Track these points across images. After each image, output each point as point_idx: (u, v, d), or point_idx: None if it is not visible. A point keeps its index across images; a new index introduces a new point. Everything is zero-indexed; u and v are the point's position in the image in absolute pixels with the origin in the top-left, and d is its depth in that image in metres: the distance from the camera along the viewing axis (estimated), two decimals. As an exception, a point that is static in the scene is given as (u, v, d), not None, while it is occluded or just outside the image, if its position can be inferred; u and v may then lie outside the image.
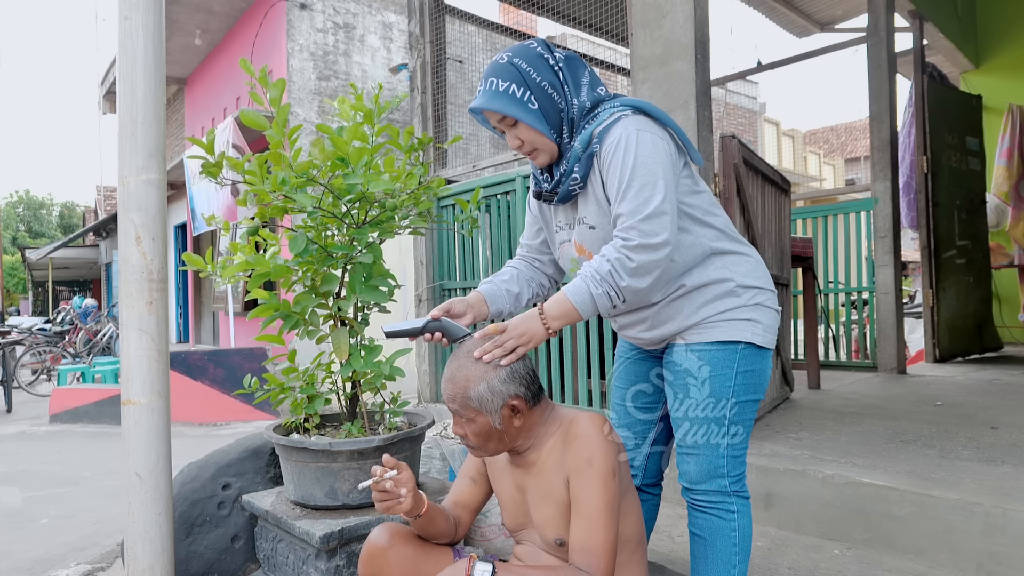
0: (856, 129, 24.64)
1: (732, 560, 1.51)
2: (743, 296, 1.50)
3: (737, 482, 1.54)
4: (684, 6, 2.59)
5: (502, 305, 1.65)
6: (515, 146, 1.53)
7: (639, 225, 1.37)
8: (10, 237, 37.78)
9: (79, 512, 3.53)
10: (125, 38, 1.81)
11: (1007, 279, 6.24)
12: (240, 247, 2.09)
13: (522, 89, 1.46)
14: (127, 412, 1.81)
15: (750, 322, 1.50)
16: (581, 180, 1.49)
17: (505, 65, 1.47)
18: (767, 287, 1.56)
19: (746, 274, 1.52)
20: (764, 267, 1.59)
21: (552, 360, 3.44)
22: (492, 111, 1.48)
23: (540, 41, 1.52)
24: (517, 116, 1.46)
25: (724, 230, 1.55)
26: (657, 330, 1.55)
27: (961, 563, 2.00)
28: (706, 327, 1.50)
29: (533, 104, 1.47)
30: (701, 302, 1.50)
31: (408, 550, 1.50)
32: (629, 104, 1.47)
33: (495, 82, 1.47)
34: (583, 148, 1.47)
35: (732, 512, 1.52)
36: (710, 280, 1.50)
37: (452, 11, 4.47)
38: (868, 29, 4.76)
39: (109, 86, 13.73)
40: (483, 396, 1.38)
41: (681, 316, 1.51)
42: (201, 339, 13.08)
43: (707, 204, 1.54)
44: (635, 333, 1.61)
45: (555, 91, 1.48)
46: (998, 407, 3.39)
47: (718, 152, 2.85)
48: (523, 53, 1.49)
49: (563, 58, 1.51)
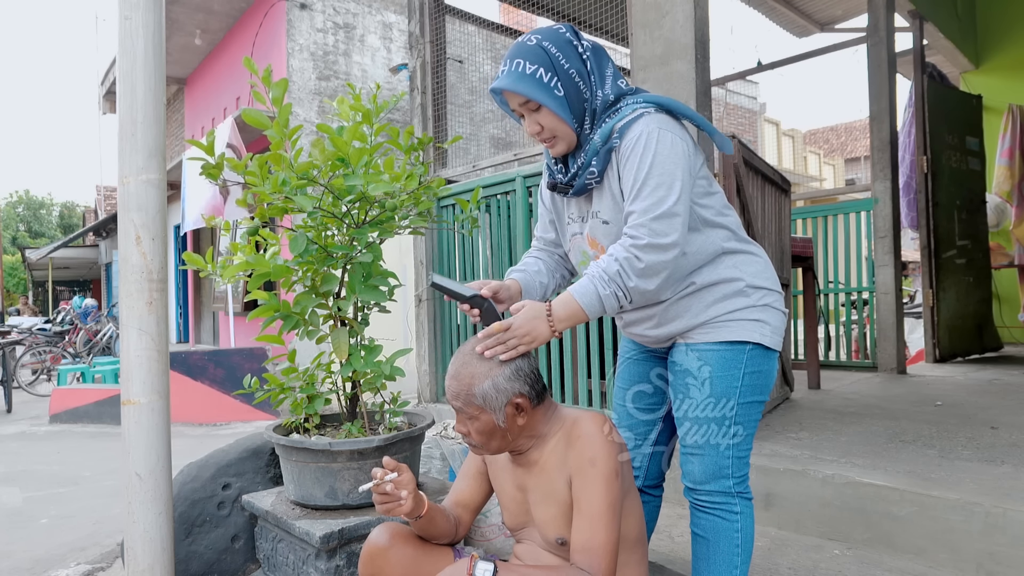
0: (856, 129, 24.63)
1: (734, 561, 1.50)
2: (752, 296, 1.50)
3: (741, 483, 1.53)
4: (684, 6, 2.59)
5: (537, 287, 1.64)
6: (534, 132, 1.50)
7: (650, 223, 1.36)
8: (10, 237, 37.78)
9: (79, 512, 3.53)
10: (125, 38, 1.81)
11: (1007, 279, 6.24)
12: (240, 247, 2.09)
13: (550, 74, 1.43)
14: (127, 412, 1.81)
15: (758, 323, 1.50)
16: (598, 174, 1.47)
17: (534, 47, 1.44)
18: (776, 288, 1.56)
19: (756, 274, 1.52)
20: (772, 269, 1.59)
21: (552, 360, 3.44)
22: (517, 93, 1.44)
23: (568, 27, 1.49)
24: (542, 101, 1.43)
25: (735, 231, 1.55)
26: (664, 328, 1.54)
27: (961, 563, 2.00)
28: (714, 326, 1.49)
29: (559, 91, 1.44)
30: (711, 300, 1.49)
31: (408, 550, 1.50)
32: (652, 101, 1.46)
33: (522, 63, 1.43)
34: (602, 142, 1.45)
35: (736, 513, 1.51)
36: (720, 279, 1.49)
37: (452, 11, 4.47)
38: (868, 29, 4.76)
39: (109, 86, 13.73)
40: (487, 394, 1.38)
41: (690, 314, 1.50)
42: (201, 339, 13.08)
43: (720, 205, 1.54)
44: (641, 330, 1.60)
45: (581, 80, 1.46)
46: (998, 407, 3.39)
47: (718, 152, 2.85)
48: (553, 37, 1.45)
49: (590, 47, 1.48)
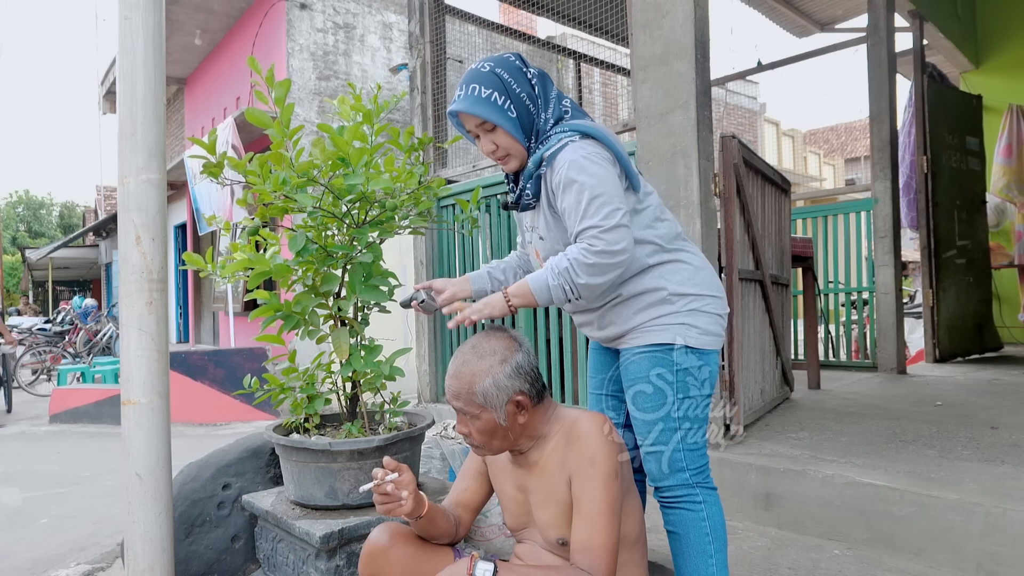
0: (856, 129, 24.64)
1: (707, 550, 1.55)
2: (676, 303, 1.58)
3: (699, 473, 1.59)
4: (684, 6, 2.59)
5: (484, 286, 1.79)
6: (489, 151, 1.64)
7: (603, 235, 1.46)
8: (10, 237, 37.77)
9: (79, 512, 3.53)
10: (125, 38, 1.81)
11: (1007, 279, 6.24)
12: (240, 247, 2.09)
13: (503, 97, 1.57)
14: (127, 412, 1.81)
15: (683, 326, 1.58)
16: (533, 196, 1.62)
17: (488, 74, 1.58)
18: (705, 292, 1.61)
19: (682, 282, 1.59)
20: (707, 271, 1.65)
21: (552, 360, 3.44)
22: (473, 115, 1.58)
23: (516, 55, 1.65)
24: (496, 121, 1.57)
25: (663, 243, 1.61)
26: (603, 331, 1.66)
27: (961, 563, 2.00)
28: (642, 332, 1.59)
29: (512, 112, 1.58)
30: (636, 309, 1.59)
31: (408, 550, 1.50)
32: (577, 129, 1.56)
33: (477, 88, 1.57)
34: (534, 167, 1.59)
35: (699, 503, 1.58)
36: (644, 289, 1.58)
37: (452, 11, 4.47)
38: (868, 29, 4.76)
39: (109, 86, 13.72)
40: (488, 391, 1.41)
41: (620, 321, 1.61)
42: (201, 339, 13.07)
43: (649, 219, 1.61)
44: (589, 332, 1.73)
45: (531, 102, 1.60)
46: (998, 407, 3.39)
47: (718, 152, 2.84)
48: (504, 64, 1.60)
49: (537, 72, 1.64)
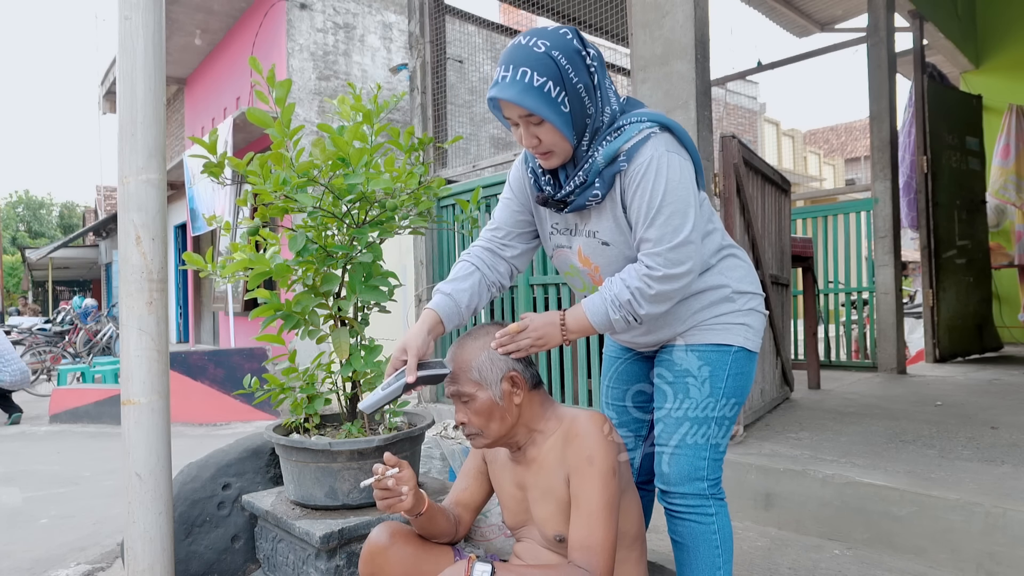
0: (856, 129, 24.63)
1: (716, 563, 1.50)
2: (738, 301, 1.53)
3: (715, 485, 1.53)
4: (684, 6, 2.59)
5: (457, 322, 1.57)
6: (530, 144, 1.39)
7: (667, 254, 1.35)
8: (10, 237, 37.76)
9: (79, 512, 3.52)
10: (125, 38, 1.81)
11: (1007, 279, 6.24)
12: (240, 247, 2.09)
13: (558, 88, 1.32)
14: (127, 412, 1.81)
15: (743, 327, 1.52)
16: (601, 197, 1.41)
17: (542, 56, 1.31)
18: (758, 291, 1.58)
19: (741, 279, 1.54)
20: (754, 271, 1.62)
21: (552, 360, 3.44)
22: (521, 107, 1.32)
23: (572, 30, 1.37)
24: (547, 117, 1.32)
25: (721, 240, 1.56)
26: (653, 335, 1.56)
27: (961, 563, 2.00)
28: (702, 330, 1.51)
29: (566, 107, 1.34)
30: (698, 307, 1.51)
31: (408, 549, 1.50)
32: (656, 120, 1.39)
33: (529, 73, 1.30)
34: (607, 163, 1.37)
35: (711, 515, 1.50)
36: (707, 286, 1.51)
37: (452, 11, 4.47)
38: (868, 29, 4.76)
39: (109, 86, 13.72)
40: (483, 366, 1.43)
41: (678, 321, 1.52)
42: (201, 339, 13.07)
43: (708, 214, 1.55)
44: (630, 337, 1.60)
45: (587, 95, 1.36)
46: (998, 407, 3.39)
47: (718, 152, 2.85)
48: (562, 46, 1.32)
49: (596, 56, 1.37)
